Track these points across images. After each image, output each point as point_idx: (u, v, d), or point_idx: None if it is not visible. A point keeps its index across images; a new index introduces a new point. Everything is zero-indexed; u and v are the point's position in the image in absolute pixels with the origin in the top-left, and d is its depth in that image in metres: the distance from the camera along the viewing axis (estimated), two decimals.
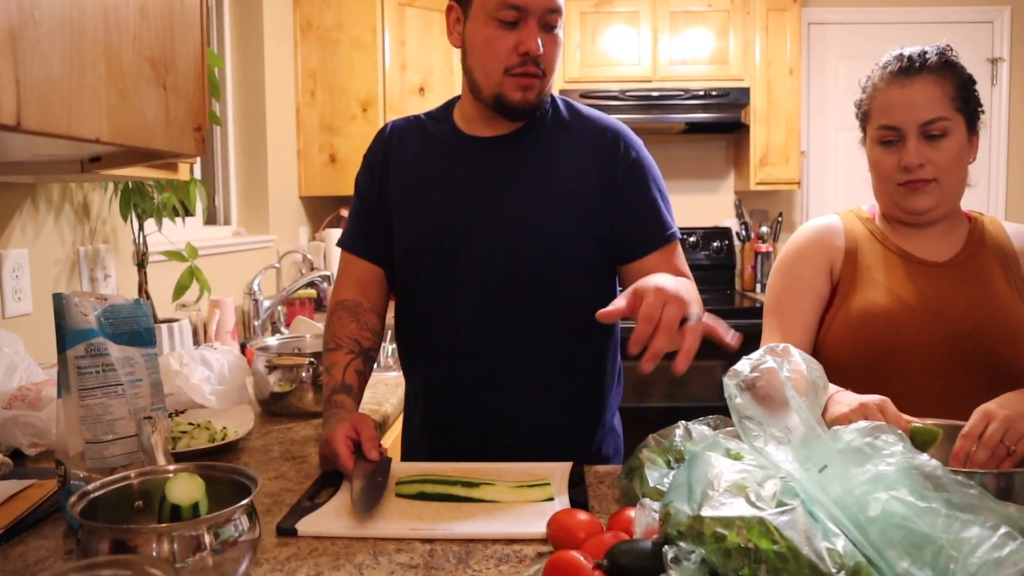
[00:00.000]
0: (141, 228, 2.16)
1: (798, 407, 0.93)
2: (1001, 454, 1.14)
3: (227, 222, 3.29)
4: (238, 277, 2.93)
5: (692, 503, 0.85)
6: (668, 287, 1.08)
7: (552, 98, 1.51)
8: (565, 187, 1.43)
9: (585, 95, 4.08)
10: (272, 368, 1.78)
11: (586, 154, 1.45)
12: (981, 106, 1.48)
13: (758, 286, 4.42)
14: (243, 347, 2.41)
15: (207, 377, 1.75)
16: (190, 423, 1.55)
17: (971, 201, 1.49)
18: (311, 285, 2.92)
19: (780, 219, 4.50)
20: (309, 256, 3.34)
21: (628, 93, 4.13)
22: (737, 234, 4.58)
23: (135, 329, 1.23)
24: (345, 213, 3.38)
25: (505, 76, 1.38)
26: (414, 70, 3.76)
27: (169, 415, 1.60)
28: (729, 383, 0.96)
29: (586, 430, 1.52)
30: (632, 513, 0.99)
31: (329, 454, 1.29)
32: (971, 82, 1.46)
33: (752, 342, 1.38)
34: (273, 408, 1.80)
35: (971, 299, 1.43)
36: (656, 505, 0.95)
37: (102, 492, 0.97)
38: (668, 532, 0.86)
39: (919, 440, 1.18)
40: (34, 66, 0.86)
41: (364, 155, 1.59)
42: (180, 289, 2.24)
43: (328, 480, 1.29)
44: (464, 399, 1.49)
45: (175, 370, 1.72)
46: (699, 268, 4.25)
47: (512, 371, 1.46)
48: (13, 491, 1.23)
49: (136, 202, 2.09)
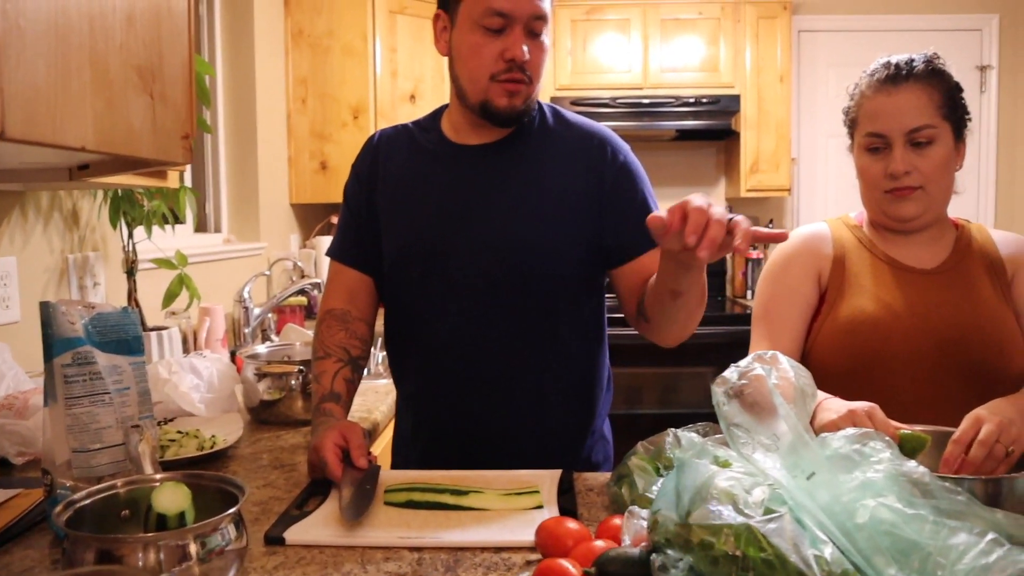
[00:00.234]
0: (131, 236, 2.15)
1: (786, 414, 0.93)
2: (999, 454, 1.14)
3: (218, 229, 3.28)
4: (228, 285, 2.92)
5: (680, 510, 0.85)
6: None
7: (539, 105, 1.51)
8: (553, 193, 1.43)
9: (576, 102, 4.09)
10: (261, 376, 1.78)
11: (574, 160, 1.45)
12: (968, 114, 1.48)
13: (748, 292, 4.43)
14: (233, 355, 2.40)
15: (196, 385, 1.74)
16: (179, 431, 1.54)
17: (961, 209, 1.49)
18: (301, 292, 2.92)
19: (771, 226, 4.52)
20: (300, 263, 3.34)
21: (619, 100, 4.14)
22: None
23: (123, 337, 1.22)
24: (336, 221, 3.37)
25: (491, 82, 1.38)
26: (405, 77, 3.77)
27: (157, 423, 1.59)
28: (717, 390, 0.96)
29: (576, 436, 1.51)
30: (620, 521, 0.99)
31: (317, 462, 1.29)
32: (958, 90, 1.47)
33: (741, 349, 1.38)
34: (262, 416, 1.79)
35: (958, 306, 1.44)
36: (645, 513, 0.95)
37: (88, 501, 0.97)
38: (656, 540, 0.86)
39: (908, 447, 1.18)
40: (18, 74, 0.85)
41: (352, 164, 1.59)
42: (170, 297, 2.23)
43: (317, 488, 1.29)
44: (454, 406, 1.49)
45: (164, 378, 1.71)
46: None
47: (502, 377, 1.46)
48: (0, 501, 1.22)
49: (126, 210, 2.09)
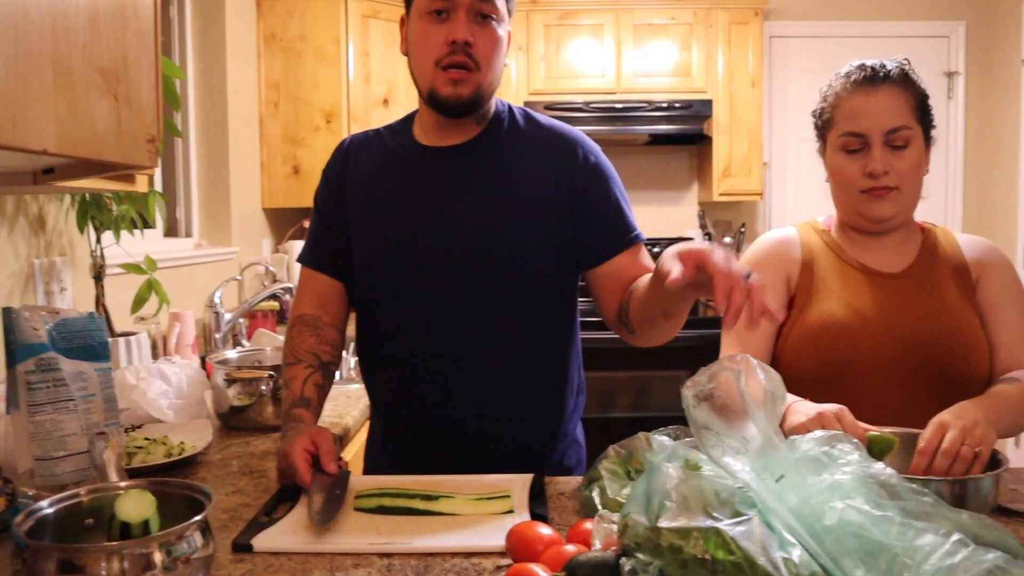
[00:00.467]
0: (99, 240, 2.13)
1: (755, 417, 0.93)
2: (968, 456, 1.15)
3: (188, 234, 3.25)
4: (199, 290, 2.90)
5: (650, 514, 0.86)
6: (717, 247, 1.07)
7: (510, 108, 1.51)
8: (524, 194, 1.43)
9: (549, 107, 4.10)
10: (231, 382, 1.76)
11: (545, 162, 1.45)
12: (934, 121, 1.51)
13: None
14: (203, 360, 2.38)
15: (164, 391, 1.72)
16: (146, 438, 1.52)
17: (929, 214, 1.51)
18: (273, 297, 2.89)
19: (743, 230, 4.55)
20: (272, 268, 3.31)
21: (592, 105, 4.15)
22: None
23: (88, 343, 1.21)
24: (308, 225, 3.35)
25: (437, 70, 1.38)
26: (378, 82, 3.75)
27: (125, 430, 1.57)
28: (687, 393, 0.96)
29: (548, 440, 1.51)
30: (591, 525, 0.99)
31: (287, 468, 1.28)
32: (926, 97, 1.49)
33: (714, 352, 1.39)
34: (232, 422, 1.77)
35: (924, 310, 1.45)
36: (615, 516, 0.95)
37: (51, 510, 0.95)
38: (626, 544, 0.86)
39: (876, 448, 1.19)
40: None
41: (323, 169, 1.58)
42: (139, 302, 2.20)
43: (286, 495, 1.27)
44: (427, 410, 1.48)
45: (131, 384, 1.69)
46: None
47: (474, 380, 1.45)
48: None
49: (94, 214, 2.06)
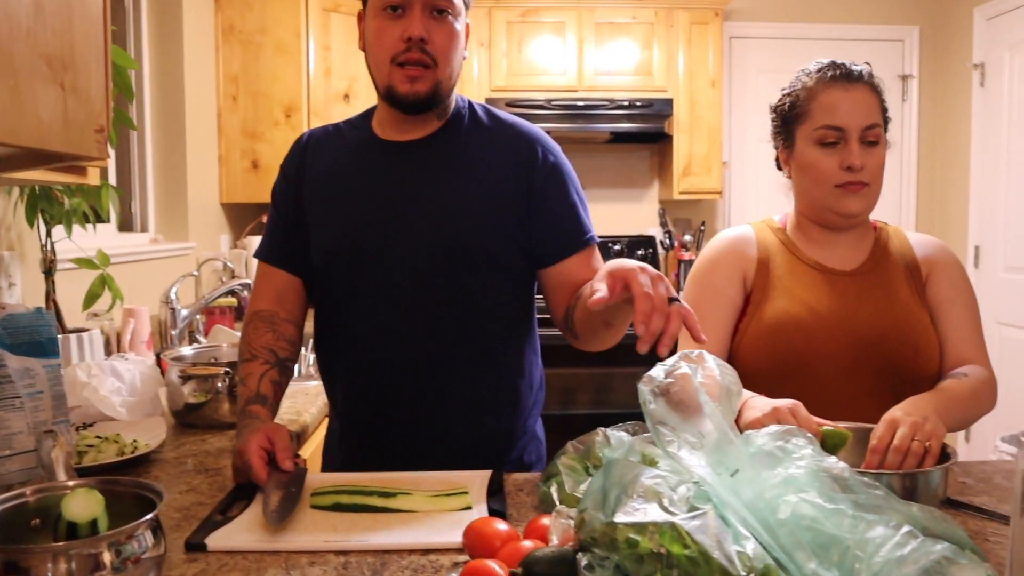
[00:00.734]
0: (49, 234, 2.08)
1: (711, 412, 0.94)
2: (919, 451, 1.17)
3: (144, 229, 3.19)
4: (155, 285, 2.85)
5: (606, 509, 0.86)
6: (648, 267, 1.09)
7: (470, 104, 1.50)
8: (482, 190, 1.42)
9: (511, 104, 4.10)
10: (186, 378, 1.73)
11: (504, 158, 1.44)
12: (890, 124, 1.54)
13: (681, 294, 4.48)
14: (159, 357, 2.34)
15: (117, 388, 1.69)
16: (97, 436, 1.49)
17: (883, 214, 1.53)
18: (231, 293, 2.85)
19: (703, 228, 4.59)
20: (230, 264, 3.27)
21: (554, 102, 4.16)
22: (661, 242, 4.65)
23: (36, 339, 1.18)
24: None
25: (393, 66, 1.37)
26: (339, 76, 3.72)
27: (75, 428, 1.54)
28: (644, 389, 0.97)
29: (507, 436, 1.51)
30: (549, 520, 0.99)
31: (242, 465, 1.26)
32: (885, 100, 1.52)
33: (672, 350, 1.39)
34: (187, 419, 1.75)
35: (876, 307, 1.47)
36: (572, 512, 0.95)
37: None
38: (583, 539, 0.86)
39: (830, 443, 1.20)
40: None
41: (281, 164, 1.56)
42: (91, 298, 2.16)
43: (241, 493, 1.26)
44: (385, 406, 1.47)
45: (83, 381, 1.65)
46: None
47: (433, 377, 1.44)
48: None
49: (44, 207, 2.01)
